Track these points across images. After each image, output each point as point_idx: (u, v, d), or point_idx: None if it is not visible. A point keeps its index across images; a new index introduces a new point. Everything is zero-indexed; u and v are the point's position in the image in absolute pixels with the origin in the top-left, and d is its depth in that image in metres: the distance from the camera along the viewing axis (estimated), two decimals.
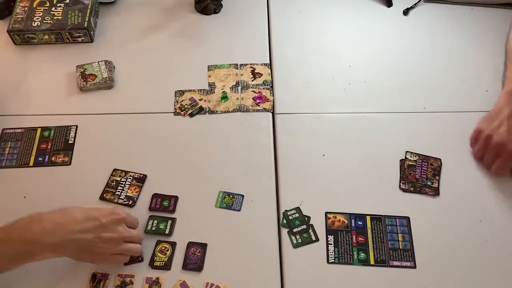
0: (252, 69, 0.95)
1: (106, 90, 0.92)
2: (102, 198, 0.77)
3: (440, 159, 0.82)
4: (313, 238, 0.74)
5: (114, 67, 0.94)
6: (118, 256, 0.68)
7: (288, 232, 0.74)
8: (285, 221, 0.75)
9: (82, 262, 0.69)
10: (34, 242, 0.62)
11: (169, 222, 0.75)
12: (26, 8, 1.00)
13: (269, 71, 0.95)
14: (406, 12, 1.07)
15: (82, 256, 0.67)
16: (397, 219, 0.76)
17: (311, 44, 1.01)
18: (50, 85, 0.93)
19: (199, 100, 0.90)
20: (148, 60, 0.97)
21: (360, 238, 0.74)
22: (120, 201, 0.77)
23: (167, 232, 0.73)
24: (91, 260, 0.68)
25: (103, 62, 0.94)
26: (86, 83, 0.91)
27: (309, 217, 0.76)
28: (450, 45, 1.01)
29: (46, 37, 0.98)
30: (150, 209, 0.76)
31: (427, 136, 0.86)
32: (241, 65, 0.96)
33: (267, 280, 0.70)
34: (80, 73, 0.92)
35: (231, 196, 0.78)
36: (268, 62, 0.97)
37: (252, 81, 0.93)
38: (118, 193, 0.78)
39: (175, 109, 0.89)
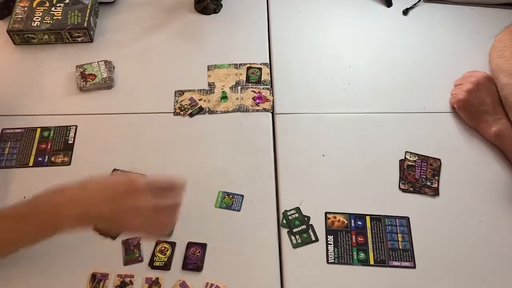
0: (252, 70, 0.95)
1: (105, 90, 0.92)
2: None
3: (439, 159, 0.82)
4: (313, 238, 0.74)
5: (113, 67, 0.94)
6: (149, 229, 0.65)
7: (288, 232, 0.74)
8: (285, 221, 0.75)
9: (80, 263, 0.69)
10: (56, 213, 0.61)
11: None
12: (25, 8, 1.00)
13: (269, 71, 0.95)
14: (406, 12, 1.07)
15: (102, 225, 0.66)
16: (397, 219, 0.76)
17: (311, 44, 1.01)
18: (50, 85, 0.93)
19: (199, 100, 0.90)
20: (148, 60, 0.97)
21: (359, 238, 0.74)
22: None
23: (167, 232, 0.73)
24: (111, 229, 0.69)
25: (103, 62, 0.94)
26: (86, 83, 0.91)
27: (308, 217, 0.76)
28: (450, 45, 1.01)
29: (46, 37, 0.98)
30: None
31: (427, 136, 0.86)
32: (240, 64, 0.96)
33: (267, 280, 0.70)
34: (79, 73, 0.92)
35: (231, 196, 0.78)
36: (267, 62, 0.97)
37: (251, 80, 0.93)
38: None
39: (174, 109, 0.89)
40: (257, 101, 0.90)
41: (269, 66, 0.96)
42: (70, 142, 0.84)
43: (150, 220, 0.63)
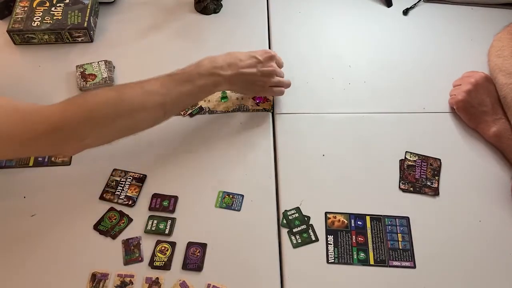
0: None
1: None
2: (102, 198, 0.77)
3: (439, 159, 0.82)
4: (313, 238, 0.74)
5: (114, 67, 0.94)
6: (274, 88, 0.85)
7: (288, 232, 0.74)
8: (285, 221, 0.75)
9: (80, 263, 0.69)
10: (218, 74, 0.78)
11: (169, 222, 0.75)
12: (26, 8, 1.00)
13: None
14: (406, 12, 1.07)
15: (248, 87, 0.84)
16: (397, 219, 0.76)
17: (311, 44, 1.01)
18: (50, 85, 0.93)
19: None
20: (148, 60, 0.97)
21: (359, 238, 0.74)
22: (120, 201, 0.77)
23: (167, 232, 0.74)
24: (254, 92, 0.87)
25: (103, 62, 0.94)
26: (86, 83, 0.91)
27: (309, 217, 0.76)
28: (450, 45, 1.01)
29: (46, 37, 0.98)
30: (150, 209, 0.76)
31: (427, 136, 0.86)
32: None
33: (267, 280, 0.70)
34: (80, 73, 0.92)
35: (231, 196, 0.78)
36: None
37: None
38: (118, 193, 0.78)
39: None
40: (257, 101, 0.90)
41: None
42: None
43: (278, 81, 0.84)
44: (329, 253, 0.72)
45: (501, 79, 0.85)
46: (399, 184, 0.80)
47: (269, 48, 1.00)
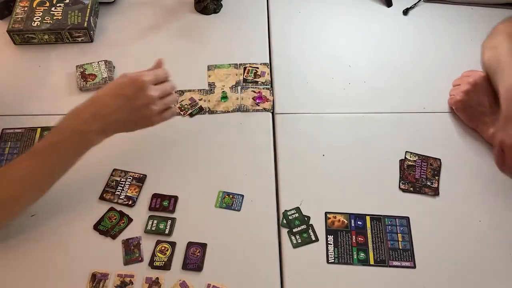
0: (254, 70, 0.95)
1: None
2: (102, 198, 0.77)
3: (439, 159, 0.82)
4: (313, 238, 0.74)
5: (114, 67, 0.94)
6: (162, 114, 0.74)
7: (288, 232, 0.74)
8: (285, 221, 0.75)
9: (80, 263, 0.69)
10: (86, 132, 0.69)
11: (169, 222, 0.75)
12: (26, 8, 1.00)
13: (269, 71, 0.95)
14: (406, 12, 1.07)
15: (132, 127, 0.74)
16: (397, 219, 0.76)
17: (311, 44, 1.01)
18: (50, 85, 0.93)
19: (199, 100, 0.90)
20: (148, 60, 0.96)
21: (359, 238, 0.74)
22: (120, 201, 0.77)
23: (167, 232, 0.74)
24: (143, 126, 0.74)
25: (103, 62, 0.94)
26: (86, 83, 0.91)
27: (309, 217, 0.76)
28: (450, 45, 1.01)
29: (46, 37, 0.98)
30: (150, 209, 0.76)
31: (427, 136, 0.86)
32: (240, 64, 0.96)
33: (267, 280, 0.70)
34: (80, 73, 0.92)
35: (231, 196, 0.78)
36: (268, 62, 0.97)
37: (254, 78, 0.93)
38: (118, 193, 0.78)
39: None
40: (257, 101, 0.90)
41: (269, 66, 0.96)
42: None
43: (162, 104, 0.73)
44: (329, 253, 0.72)
45: (487, 53, 0.85)
46: (399, 184, 0.79)
47: (269, 48, 1.00)
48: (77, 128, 0.69)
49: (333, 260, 0.71)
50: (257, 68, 0.95)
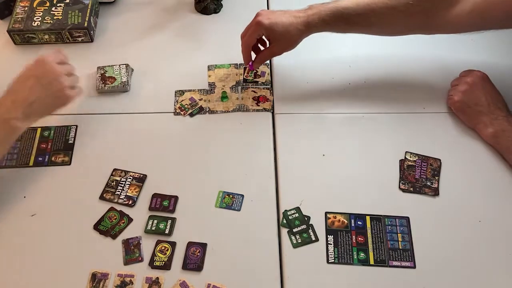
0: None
1: None
2: (102, 198, 0.77)
3: (439, 159, 0.82)
4: (313, 238, 0.74)
5: (132, 70, 0.94)
6: (73, 90, 0.79)
7: (288, 232, 0.74)
8: (285, 221, 0.75)
9: (80, 263, 0.69)
10: (9, 120, 0.72)
11: (169, 222, 0.75)
12: (26, 8, 1.00)
13: (269, 71, 0.95)
14: None
15: (51, 105, 0.77)
16: (397, 219, 0.76)
17: (311, 44, 1.00)
18: None
19: (199, 100, 0.90)
20: (148, 60, 0.97)
21: (359, 238, 0.74)
22: (120, 201, 0.77)
23: (167, 232, 0.74)
24: (61, 102, 0.78)
25: (124, 66, 0.93)
26: (105, 86, 0.90)
27: (309, 217, 0.76)
28: (450, 45, 1.01)
29: (46, 37, 0.98)
30: (150, 209, 0.76)
31: (427, 136, 0.86)
32: (240, 64, 0.96)
33: (267, 280, 0.70)
34: (100, 75, 0.92)
35: (231, 196, 0.78)
36: (267, 62, 0.96)
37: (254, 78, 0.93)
38: (118, 193, 0.78)
39: (175, 109, 0.89)
40: (257, 101, 0.90)
41: (269, 66, 0.96)
42: (70, 142, 0.84)
43: (70, 81, 0.78)
44: (329, 253, 0.72)
45: None
46: (399, 184, 0.80)
47: None
48: (0, 117, 0.72)
49: (333, 260, 0.71)
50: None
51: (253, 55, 0.89)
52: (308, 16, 0.83)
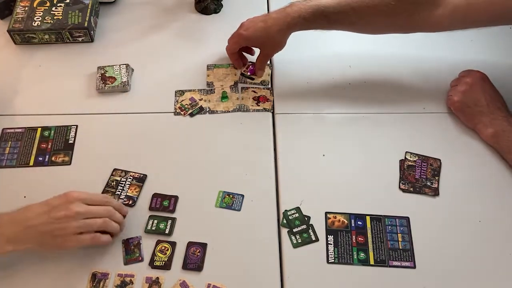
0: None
1: None
2: None
3: (439, 160, 0.82)
4: (313, 238, 0.74)
5: (132, 70, 0.94)
6: (81, 235, 0.66)
7: (288, 232, 0.74)
8: (285, 221, 0.75)
9: (80, 263, 0.68)
10: None
11: (169, 222, 0.75)
12: (26, 8, 1.00)
13: (269, 71, 0.95)
14: None
15: (45, 241, 0.66)
16: (397, 219, 0.76)
17: (311, 44, 1.01)
18: (50, 85, 0.93)
19: (199, 100, 0.90)
20: (148, 60, 0.97)
21: (360, 238, 0.74)
22: (120, 200, 0.77)
23: (167, 232, 0.74)
24: (55, 244, 0.66)
25: (124, 65, 0.93)
26: (105, 86, 0.90)
27: (309, 217, 0.76)
28: (450, 45, 1.01)
29: (47, 36, 0.98)
30: (150, 209, 0.76)
31: (427, 136, 0.86)
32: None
33: (267, 280, 0.70)
34: (100, 75, 0.92)
35: (231, 196, 0.78)
36: (268, 62, 0.96)
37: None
38: (118, 193, 0.78)
39: (175, 109, 0.89)
40: (257, 101, 0.90)
41: (269, 66, 0.96)
42: (70, 141, 0.85)
43: (84, 224, 0.66)
44: (329, 253, 0.72)
45: None
46: (399, 184, 0.80)
47: None
48: None
49: (333, 260, 0.72)
50: None
51: (249, 57, 0.92)
52: (287, 15, 0.83)
